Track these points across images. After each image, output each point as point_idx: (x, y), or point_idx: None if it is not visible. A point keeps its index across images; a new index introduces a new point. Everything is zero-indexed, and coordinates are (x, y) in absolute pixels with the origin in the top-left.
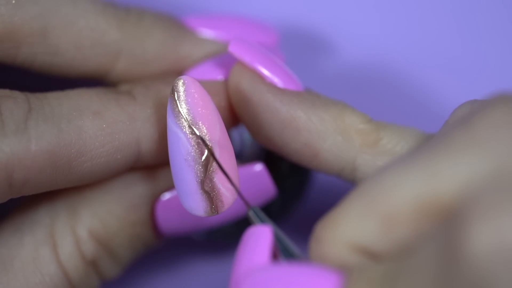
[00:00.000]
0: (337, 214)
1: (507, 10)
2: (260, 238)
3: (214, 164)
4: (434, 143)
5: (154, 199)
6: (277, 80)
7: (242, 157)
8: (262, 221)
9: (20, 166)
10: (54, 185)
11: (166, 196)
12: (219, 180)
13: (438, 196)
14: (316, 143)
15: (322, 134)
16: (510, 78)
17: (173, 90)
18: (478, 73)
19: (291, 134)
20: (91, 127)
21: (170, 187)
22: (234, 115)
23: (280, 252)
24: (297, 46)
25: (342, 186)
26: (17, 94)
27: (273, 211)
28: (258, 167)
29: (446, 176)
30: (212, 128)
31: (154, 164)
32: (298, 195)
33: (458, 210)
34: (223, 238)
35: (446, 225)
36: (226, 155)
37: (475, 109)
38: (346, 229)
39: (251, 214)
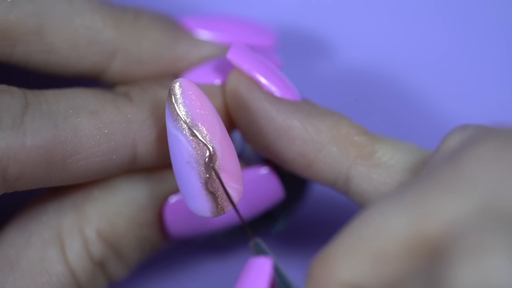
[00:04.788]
0: (329, 253)
1: None
2: (261, 270)
3: (217, 163)
4: (423, 179)
5: (162, 201)
6: (274, 89)
7: (243, 157)
8: (263, 252)
9: (14, 161)
10: (48, 182)
11: (174, 198)
12: (223, 180)
13: (426, 234)
14: (311, 153)
15: (317, 144)
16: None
17: (170, 93)
18: (478, 78)
19: (286, 143)
20: (88, 126)
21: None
22: (231, 120)
23: (278, 285)
24: (295, 48)
25: None
26: (14, 89)
27: (275, 212)
28: (265, 170)
29: (433, 214)
30: (212, 128)
31: (153, 166)
32: (299, 195)
33: (444, 249)
34: (224, 239)
35: (432, 264)
36: (227, 154)
37: (463, 144)
38: (338, 269)
39: (253, 245)
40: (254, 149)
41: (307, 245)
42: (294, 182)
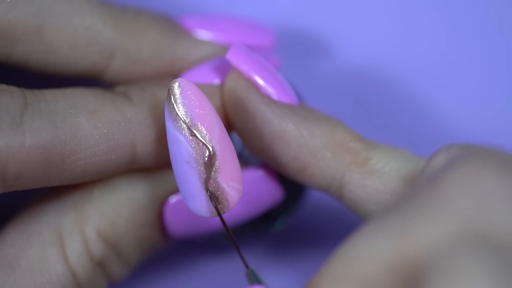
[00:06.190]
0: (317, 281)
1: None
2: None
3: (217, 163)
4: (406, 202)
5: (162, 201)
6: (272, 91)
7: (242, 157)
8: (258, 281)
9: (14, 160)
10: (47, 182)
11: (174, 198)
12: (223, 179)
13: (407, 258)
14: (305, 158)
15: (311, 149)
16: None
17: (169, 93)
18: (477, 79)
19: (280, 147)
20: (87, 125)
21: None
22: (229, 120)
23: None
24: (294, 48)
25: None
26: (13, 89)
27: (275, 212)
28: (264, 170)
29: (414, 238)
30: (211, 128)
31: (152, 166)
32: (299, 195)
33: (423, 273)
34: (224, 239)
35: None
36: (227, 154)
37: (445, 166)
38: None
39: (248, 274)
40: (250, 150)
41: (307, 245)
42: (293, 182)
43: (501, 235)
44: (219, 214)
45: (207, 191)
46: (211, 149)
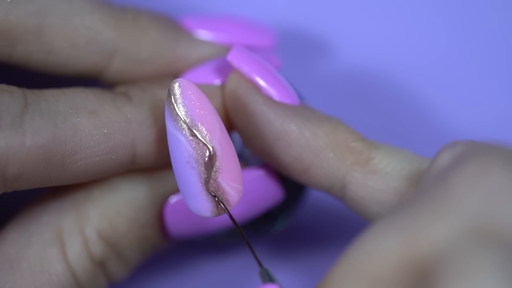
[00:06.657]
0: (327, 281)
1: None
2: None
3: (217, 164)
4: (413, 201)
5: (163, 201)
6: (273, 92)
7: (243, 157)
8: (272, 280)
9: (14, 160)
10: (47, 181)
11: (174, 198)
12: (223, 180)
13: (417, 257)
14: (307, 158)
15: (313, 149)
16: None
17: (170, 93)
18: (478, 79)
19: (282, 147)
20: (87, 125)
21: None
22: (230, 120)
23: None
24: (295, 48)
25: None
26: (14, 89)
27: (275, 212)
28: (264, 170)
29: (423, 237)
30: (211, 128)
31: (152, 166)
32: (299, 195)
33: (433, 271)
34: (224, 239)
35: (423, 286)
36: (227, 154)
37: (452, 163)
38: None
39: (261, 273)
40: (251, 151)
41: (307, 245)
42: (294, 182)
43: (510, 231)
44: (228, 212)
45: (208, 192)
46: (211, 149)
